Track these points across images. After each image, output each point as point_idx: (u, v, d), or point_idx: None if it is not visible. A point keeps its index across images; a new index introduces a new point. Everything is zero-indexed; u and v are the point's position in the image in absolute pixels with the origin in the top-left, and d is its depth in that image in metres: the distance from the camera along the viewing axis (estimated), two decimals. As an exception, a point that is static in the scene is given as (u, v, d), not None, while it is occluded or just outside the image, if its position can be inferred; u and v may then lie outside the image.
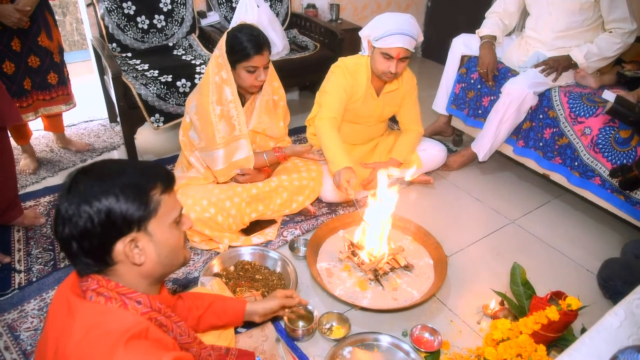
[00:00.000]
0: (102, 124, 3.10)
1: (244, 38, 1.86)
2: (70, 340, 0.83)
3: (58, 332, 0.88)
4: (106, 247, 0.88)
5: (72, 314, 0.87)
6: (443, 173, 2.73)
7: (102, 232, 0.86)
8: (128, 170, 0.91)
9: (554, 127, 2.31)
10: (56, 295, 0.96)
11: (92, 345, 0.82)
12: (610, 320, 1.19)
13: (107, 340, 0.82)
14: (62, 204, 0.86)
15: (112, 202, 0.85)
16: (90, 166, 0.92)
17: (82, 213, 0.84)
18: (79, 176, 0.89)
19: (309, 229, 2.20)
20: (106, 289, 0.89)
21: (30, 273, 1.90)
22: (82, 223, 0.85)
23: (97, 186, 0.86)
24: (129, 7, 2.78)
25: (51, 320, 0.93)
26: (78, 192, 0.86)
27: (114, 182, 0.88)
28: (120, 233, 0.87)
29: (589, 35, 2.37)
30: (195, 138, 2.06)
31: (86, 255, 0.88)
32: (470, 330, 1.74)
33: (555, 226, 2.34)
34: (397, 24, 1.98)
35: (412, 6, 4.38)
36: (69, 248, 0.87)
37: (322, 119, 2.15)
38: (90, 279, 0.90)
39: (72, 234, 0.86)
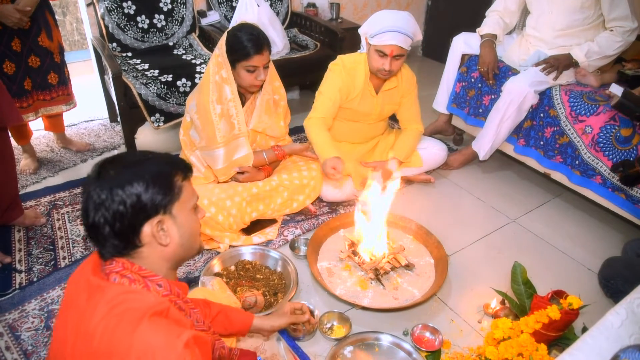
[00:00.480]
0: (102, 123, 3.10)
1: (244, 37, 1.86)
2: (94, 317, 0.86)
3: (79, 314, 0.90)
4: (135, 229, 0.93)
5: (94, 295, 0.90)
6: (444, 172, 2.73)
7: (133, 214, 0.91)
8: (151, 158, 0.98)
9: (554, 125, 2.31)
10: (72, 281, 0.99)
11: (116, 320, 0.85)
12: (611, 320, 1.19)
13: (131, 315, 0.86)
14: (93, 190, 0.91)
15: (142, 186, 0.92)
16: (115, 156, 0.98)
17: (114, 197, 0.90)
18: (107, 164, 0.95)
19: (310, 228, 2.19)
20: (130, 272, 0.94)
21: (31, 273, 1.90)
22: (115, 206, 0.90)
23: (127, 172, 0.92)
24: (129, 6, 2.78)
25: (69, 304, 0.95)
26: (109, 177, 0.92)
27: (141, 168, 0.94)
28: (148, 215, 0.93)
29: (590, 34, 2.36)
30: (196, 137, 2.06)
31: (116, 237, 0.92)
32: (471, 330, 1.74)
33: (556, 225, 2.34)
34: (392, 21, 1.98)
35: (413, 5, 4.37)
36: (99, 232, 0.92)
37: (311, 119, 2.21)
38: (114, 262, 0.94)
39: (104, 218, 0.90)
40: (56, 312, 1.72)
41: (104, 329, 0.85)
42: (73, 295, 0.96)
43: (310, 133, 2.20)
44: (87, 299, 0.91)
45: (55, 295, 1.79)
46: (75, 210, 2.27)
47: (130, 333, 0.84)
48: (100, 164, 0.95)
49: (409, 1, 4.34)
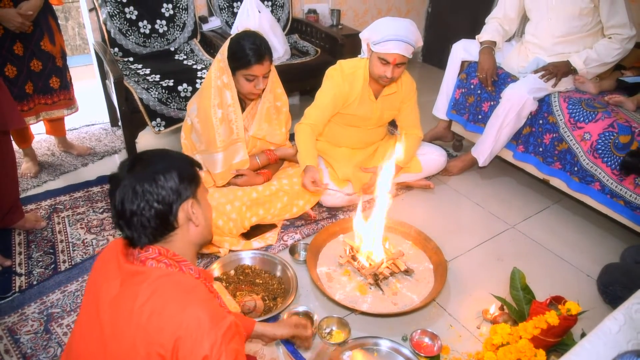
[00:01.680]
0: (103, 128, 3.12)
1: (246, 46, 1.87)
2: (138, 299, 0.93)
3: (115, 299, 0.96)
4: (173, 211, 1.03)
5: (131, 280, 0.97)
6: (443, 178, 2.73)
7: (172, 197, 1.02)
8: (169, 152, 1.10)
9: (553, 132, 2.32)
10: (96, 273, 1.04)
11: (163, 300, 0.93)
12: (609, 325, 1.19)
13: (178, 294, 0.95)
14: (130, 185, 0.99)
15: (176, 173, 1.03)
16: (139, 153, 1.09)
17: (157, 183, 1.00)
18: (136, 160, 1.04)
19: (309, 234, 2.20)
20: (165, 257, 1.02)
21: (31, 276, 1.90)
22: (159, 191, 1.00)
23: (160, 162, 1.04)
24: (131, 12, 2.80)
25: (97, 294, 1.00)
26: (146, 168, 1.02)
27: (170, 158, 1.07)
28: (186, 196, 1.04)
29: (589, 41, 2.38)
30: (196, 141, 2.07)
31: (157, 219, 1.01)
32: (470, 335, 1.74)
33: (555, 231, 2.34)
34: (395, 29, 1.99)
35: (413, 12, 4.40)
36: (138, 219, 1.00)
37: (301, 125, 2.23)
38: (150, 249, 1.02)
39: (148, 204, 1.00)
40: (56, 315, 1.72)
41: (152, 308, 0.92)
42: (101, 284, 1.01)
43: (297, 139, 2.20)
44: (122, 284, 0.97)
45: (55, 299, 1.79)
46: (75, 214, 2.27)
47: (179, 311, 0.92)
48: (130, 160, 1.05)
49: (409, 8, 4.37)
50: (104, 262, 1.05)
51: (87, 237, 2.13)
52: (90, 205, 2.34)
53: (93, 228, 2.19)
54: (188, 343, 0.90)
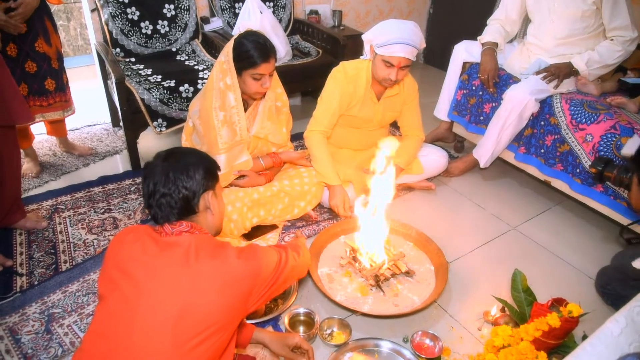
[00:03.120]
0: (105, 128, 3.12)
1: (251, 45, 1.87)
2: (191, 257, 1.08)
3: (163, 265, 1.07)
4: (197, 197, 1.19)
5: (172, 249, 1.10)
6: (444, 179, 2.73)
7: (198, 187, 1.19)
8: (195, 150, 1.29)
9: (555, 133, 2.32)
10: (127, 247, 1.13)
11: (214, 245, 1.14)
12: (611, 327, 1.19)
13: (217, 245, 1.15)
14: (164, 172, 1.17)
15: (202, 168, 1.21)
16: (172, 149, 1.25)
17: (189, 173, 1.18)
18: (169, 154, 1.22)
19: (311, 235, 2.20)
20: (197, 229, 1.18)
21: (32, 276, 1.90)
22: (187, 180, 1.18)
23: (191, 157, 1.22)
24: (133, 12, 2.80)
25: (132, 270, 1.08)
26: (177, 161, 1.20)
27: (199, 156, 1.25)
28: (207, 187, 1.21)
29: (591, 43, 2.38)
30: (197, 142, 2.07)
31: (183, 202, 1.17)
32: (471, 337, 1.74)
33: (556, 233, 2.34)
34: (400, 32, 1.98)
35: (414, 13, 4.40)
36: (168, 200, 1.16)
37: (312, 132, 2.27)
38: (183, 223, 1.17)
39: (177, 189, 1.16)
40: (57, 315, 1.72)
41: (213, 260, 1.09)
42: (136, 260, 1.09)
43: (311, 147, 2.27)
44: (161, 250, 1.10)
45: (56, 299, 1.79)
46: (77, 215, 2.27)
47: (234, 257, 1.12)
48: (162, 154, 1.22)
49: (411, 9, 4.37)
50: (131, 242, 1.13)
51: (88, 237, 2.14)
52: (91, 206, 2.34)
53: (94, 228, 2.19)
54: (267, 269, 1.18)
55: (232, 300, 1.09)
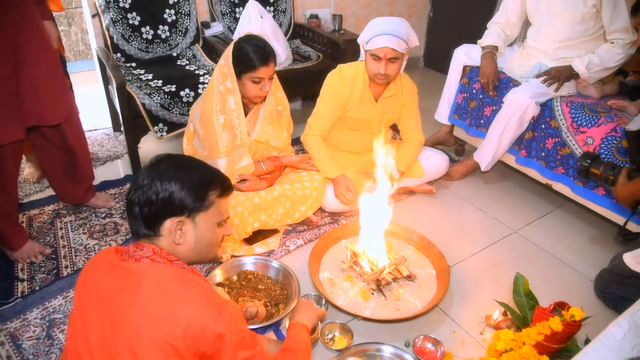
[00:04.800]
0: (106, 133, 3.12)
1: (250, 49, 1.88)
2: (139, 293, 0.96)
3: (115, 297, 0.99)
4: (158, 219, 1.05)
5: (129, 276, 1.00)
6: (445, 183, 2.73)
7: (160, 206, 1.04)
8: (200, 168, 1.12)
9: (556, 137, 2.31)
10: (87, 277, 1.07)
11: (167, 286, 0.99)
12: (613, 331, 1.19)
13: (178, 280, 1.01)
14: (141, 174, 1.06)
15: (178, 187, 1.05)
16: (174, 155, 1.14)
17: (152, 186, 1.04)
18: (163, 158, 1.10)
19: (312, 239, 2.20)
20: (159, 256, 1.05)
21: (33, 282, 1.90)
22: (149, 193, 1.04)
23: (172, 171, 1.07)
24: (134, 17, 2.81)
25: (91, 295, 1.03)
26: (158, 169, 1.06)
27: (185, 172, 1.08)
28: (172, 212, 1.05)
29: (591, 46, 2.38)
30: (199, 146, 2.07)
31: (142, 220, 1.05)
32: (473, 341, 1.73)
33: (558, 236, 2.33)
34: (382, 25, 2.04)
35: (415, 16, 4.41)
36: (132, 210, 1.06)
37: (309, 136, 2.30)
38: (145, 247, 1.05)
39: (138, 199, 1.04)
40: (58, 321, 1.72)
41: (155, 301, 0.96)
42: (95, 285, 1.03)
43: (310, 149, 2.30)
44: (119, 281, 1.00)
45: (57, 304, 1.79)
46: (78, 219, 2.27)
47: (183, 301, 0.97)
48: (158, 156, 1.11)
49: (411, 12, 4.37)
50: (94, 267, 1.07)
51: (90, 242, 2.13)
52: (92, 211, 2.34)
53: (95, 233, 2.19)
54: (197, 328, 0.94)
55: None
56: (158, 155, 1.12)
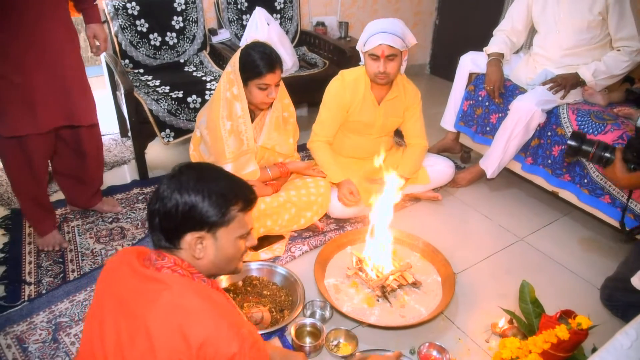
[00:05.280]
0: (113, 138, 3.15)
1: (257, 56, 1.90)
2: (156, 305, 0.94)
3: (134, 304, 0.97)
4: (178, 232, 1.03)
5: (149, 284, 0.98)
6: (451, 190, 2.73)
7: (180, 219, 1.01)
8: (222, 180, 1.08)
9: (562, 144, 2.31)
10: (111, 271, 1.06)
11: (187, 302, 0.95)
12: (621, 340, 1.18)
13: (198, 296, 0.97)
14: (162, 185, 1.04)
15: (199, 200, 1.01)
16: (196, 164, 1.13)
17: (172, 198, 1.01)
18: (184, 169, 1.07)
19: (317, 245, 2.20)
20: (180, 267, 1.02)
21: (40, 285, 1.91)
22: (170, 206, 1.01)
23: (194, 182, 1.03)
24: (142, 24, 2.84)
25: (109, 298, 1.01)
26: (179, 181, 1.03)
27: (208, 185, 1.03)
28: (193, 227, 1.02)
29: (597, 53, 2.38)
30: (205, 152, 2.08)
31: (161, 231, 1.03)
32: (478, 349, 1.72)
33: (564, 244, 2.32)
34: (377, 25, 2.09)
35: (420, 24, 4.43)
36: (152, 220, 1.04)
37: (314, 142, 2.34)
38: (166, 257, 1.03)
39: (158, 211, 1.02)
40: (64, 325, 1.73)
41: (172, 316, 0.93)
42: (114, 288, 1.02)
43: (316, 155, 2.33)
44: (139, 287, 0.98)
45: (63, 308, 1.80)
46: (85, 224, 2.29)
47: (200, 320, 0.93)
48: (180, 166, 1.08)
49: (417, 20, 4.39)
50: (116, 266, 1.06)
51: (96, 246, 2.15)
52: (99, 215, 2.35)
53: (102, 238, 2.20)
54: (212, 349, 0.92)
55: None
56: (180, 164, 1.09)
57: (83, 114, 1.99)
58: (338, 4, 3.84)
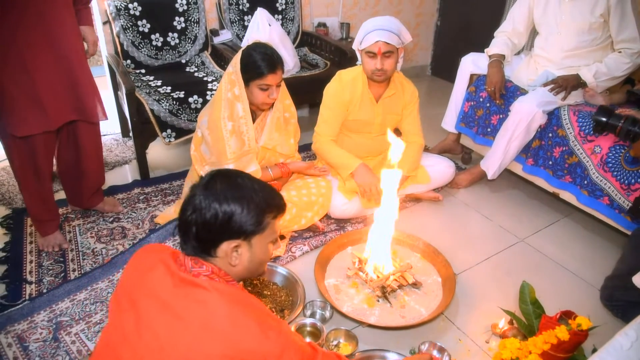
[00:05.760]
0: (114, 138, 3.16)
1: (258, 57, 1.90)
2: (196, 310, 0.95)
3: (174, 301, 0.97)
4: (215, 242, 1.03)
5: (187, 287, 0.98)
6: (452, 190, 2.73)
7: (219, 229, 1.02)
8: (257, 189, 1.08)
9: (563, 145, 2.31)
10: (142, 269, 1.05)
11: (225, 307, 0.96)
12: (620, 341, 1.18)
13: (237, 302, 0.98)
14: (198, 194, 1.03)
15: (237, 210, 1.02)
16: (227, 171, 1.12)
17: (211, 208, 1.01)
18: (217, 177, 1.07)
19: (318, 245, 2.20)
20: (217, 275, 1.04)
21: (41, 284, 1.92)
22: (208, 216, 1.01)
23: (231, 192, 1.04)
24: (144, 25, 2.85)
25: (150, 291, 1.01)
26: (214, 190, 1.03)
27: (244, 194, 1.04)
28: (230, 236, 1.04)
29: (598, 55, 2.38)
30: (206, 152, 2.09)
31: (197, 241, 1.03)
32: (478, 349, 1.72)
33: (564, 245, 2.32)
34: (372, 22, 2.10)
35: (422, 25, 4.43)
36: (188, 229, 1.04)
37: (319, 141, 2.34)
38: (204, 266, 1.04)
39: (195, 221, 1.02)
40: (65, 324, 1.73)
41: (214, 321, 0.94)
42: (152, 282, 1.02)
43: (323, 151, 2.33)
44: (176, 290, 0.99)
45: (64, 307, 1.80)
46: (86, 223, 2.30)
47: (242, 326, 0.95)
48: (213, 174, 1.08)
49: (418, 22, 4.40)
50: (149, 265, 1.05)
51: (97, 246, 2.15)
52: (100, 215, 2.36)
53: (103, 237, 2.21)
54: (259, 356, 0.93)
55: None
56: (211, 172, 1.09)
57: (92, 108, 2.00)
58: (339, 5, 3.85)
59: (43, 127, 1.86)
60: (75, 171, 2.19)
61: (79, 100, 1.95)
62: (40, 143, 1.91)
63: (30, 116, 1.82)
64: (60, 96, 1.88)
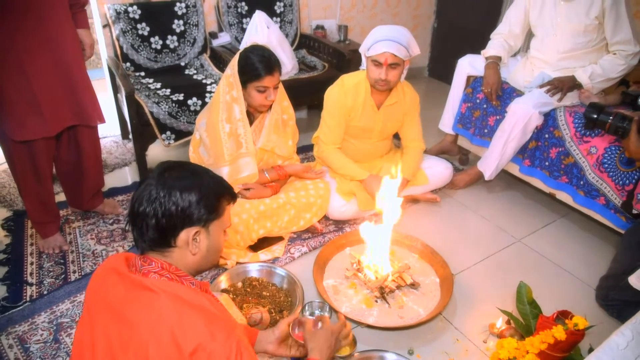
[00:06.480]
0: (114, 140, 3.16)
1: (255, 59, 1.92)
2: (147, 312, 0.94)
3: (123, 311, 0.97)
4: (175, 231, 1.03)
5: (136, 290, 0.98)
6: (449, 191, 2.74)
7: (179, 217, 1.02)
8: (209, 176, 1.10)
9: (559, 146, 2.33)
10: (95, 285, 1.05)
11: (175, 308, 0.95)
12: (616, 340, 1.19)
13: (186, 302, 0.97)
14: (152, 185, 1.02)
15: (196, 196, 1.03)
16: (178, 162, 1.11)
17: (171, 197, 1.01)
18: (170, 167, 1.06)
19: (316, 246, 2.21)
20: (167, 272, 1.03)
21: (42, 286, 1.93)
22: (169, 205, 1.00)
23: (188, 180, 1.04)
24: (143, 28, 2.87)
25: (100, 298, 1.02)
26: (170, 179, 1.03)
27: (201, 181, 1.06)
28: (190, 223, 1.03)
29: (594, 56, 2.40)
30: (204, 154, 2.10)
31: (157, 232, 1.02)
32: (476, 349, 1.74)
33: (561, 245, 2.34)
34: (383, 32, 2.09)
35: (419, 27, 4.45)
36: (144, 222, 1.02)
37: (324, 150, 2.34)
38: (153, 262, 1.03)
39: (154, 211, 1.00)
40: (65, 325, 1.74)
41: (161, 323, 0.93)
42: (103, 294, 1.02)
43: (330, 160, 2.34)
44: (127, 294, 0.98)
45: (65, 309, 1.81)
46: (86, 225, 2.30)
47: (191, 326, 0.93)
48: (164, 165, 1.07)
49: (416, 23, 4.42)
50: (104, 274, 1.05)
51: (97, 247, 2.16)
52: (100, 217, 2.37)
53: (103, 239, 2.22)
54: (204, 353, 0.92)
55: None
56: (160, 164, 1.08)
57: (91, 112, 2.01)
58: (337, 7, 3.86)
59: (42, 133, 1.87)
60: (75, 173, 2.20)
61: (77, 105, 1.95)
62: (40, 147, 1.92)
63: (29, 122, 1.83)
64: (59, 101, 1.89)
